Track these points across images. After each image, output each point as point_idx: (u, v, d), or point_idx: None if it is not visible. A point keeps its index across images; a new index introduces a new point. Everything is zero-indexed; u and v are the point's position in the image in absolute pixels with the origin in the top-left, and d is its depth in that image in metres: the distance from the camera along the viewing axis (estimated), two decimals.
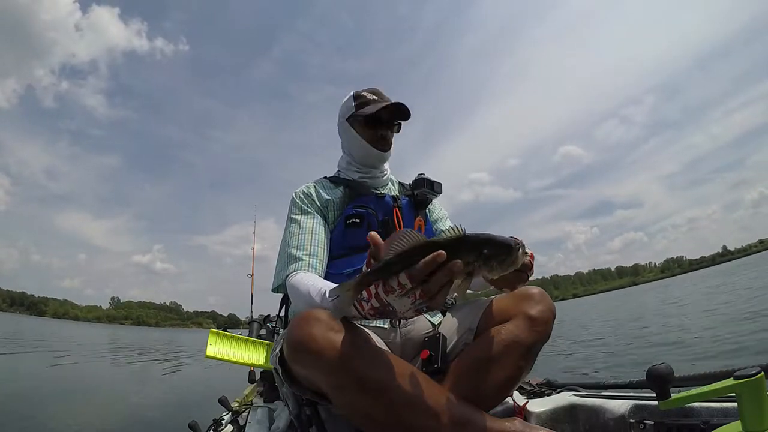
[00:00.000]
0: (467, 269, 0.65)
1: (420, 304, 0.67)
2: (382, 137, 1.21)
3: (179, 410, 3.82)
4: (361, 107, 1.21)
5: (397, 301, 0.66)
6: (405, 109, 1.21)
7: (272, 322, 1.94)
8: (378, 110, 1.18)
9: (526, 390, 1.34)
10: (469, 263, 0.65)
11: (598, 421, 1.04)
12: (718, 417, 0.81)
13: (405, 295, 0.65)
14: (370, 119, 1.20)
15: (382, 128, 1.21)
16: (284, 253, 1.10)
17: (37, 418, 3.23)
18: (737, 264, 47.41)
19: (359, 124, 1.22)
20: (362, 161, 1.24)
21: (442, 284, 0.63)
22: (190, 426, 1.41)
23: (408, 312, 0.69)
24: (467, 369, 0.92)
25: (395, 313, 0.70)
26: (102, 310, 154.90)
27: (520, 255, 0.68)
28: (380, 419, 0.75)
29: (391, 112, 1.21)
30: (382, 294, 0.67)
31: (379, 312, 0.71)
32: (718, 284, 16.46)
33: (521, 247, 0.68)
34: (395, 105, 1.19)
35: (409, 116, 1.23)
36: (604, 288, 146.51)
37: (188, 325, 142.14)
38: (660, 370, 0.67)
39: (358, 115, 1.21)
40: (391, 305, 0.68)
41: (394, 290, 0.65)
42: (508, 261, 0.67)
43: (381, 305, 0.69)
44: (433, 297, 0.65)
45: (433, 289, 0.63)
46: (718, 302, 9.37)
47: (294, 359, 0.80)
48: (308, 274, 1.01)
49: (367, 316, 0.73)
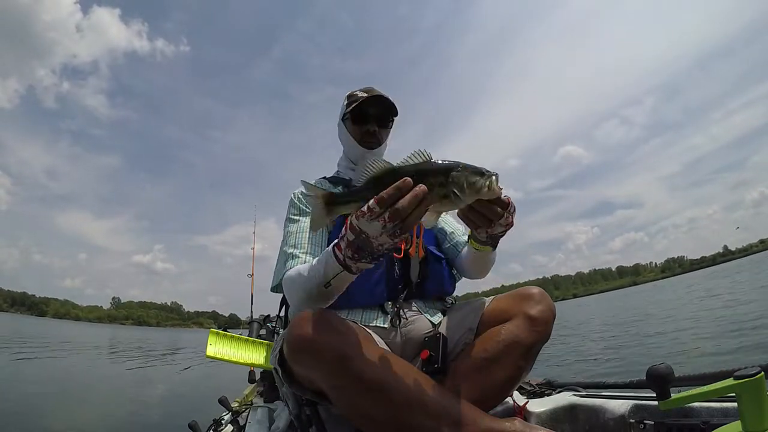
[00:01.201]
0: (440, 192, 0.69)
1: (392, 228, 0.68)
2: (367, 133, 1.20)
3: (179, 410, 3.83)
4: (352, 106, 1.21)
5: (368, 225, 0.69)
6: (386, 101, 1.19)
7: (272, 322, 1.94)
8: (358, 104, 1.18)
9: (526, 390, 1.34)
10: (441, 185, 0.68)
11: (598, 421, 1.04)
12: (718, 417, 0.81)
13: (375, 219, 0.68)
14: (356, 116, 1.21)
15: (369, 124, 1.20)
16: (282, 253, 1.10)
17: (38, 417, 3.23)
18: (738, 264, 47.37)
19: (350, 123, 1.22)
20: (355, 160, 1.24)
21: (412, 207, 0.66)
22: (190, 426, 1.41)
23: (381, 238, 0.70)
24: (467, 369, 0.92)
25: (369, 241, 0.71)
26: (103, 310, 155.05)
27: (493, 181, 0.69)
28: (380, 419, 0.75)
29: (374, 105, 1.20)
30: (354, 221, 0.71)
31: (355, 246, 0.74)
32: (719, 284, 16.44)
33: (495, 175, 0.69)
34: (374, 97, 1.18)
35: (393, 108, 1.21)
36: (604, 288, 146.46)
37: (189, 325, 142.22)
38: (660, 370, 0.67)
39: (347, 113, 1.22)
40: (364, 232, 0.70)
41: (365, 214, 0.68)
42: (479, 183, 0.68)
43: (355, 235, 0.72)
44: (403, 219, 0.67)
45: (403, 212, 0.66)
46: (718, 302, 9.36)
47: (294, 359, 0.81)
48: (301, 266, 1.01)
49: (346, 258, 0.77)
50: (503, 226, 0.84)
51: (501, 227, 0.84)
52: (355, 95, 1.22)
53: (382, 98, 1.19)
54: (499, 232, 0.88)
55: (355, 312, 1.06)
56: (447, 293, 1.20)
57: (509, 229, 0.88)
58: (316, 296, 0.89)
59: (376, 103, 1.20)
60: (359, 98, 1.19)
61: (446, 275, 1.18)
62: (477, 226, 0.82)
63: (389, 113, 1.23)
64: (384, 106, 1.21)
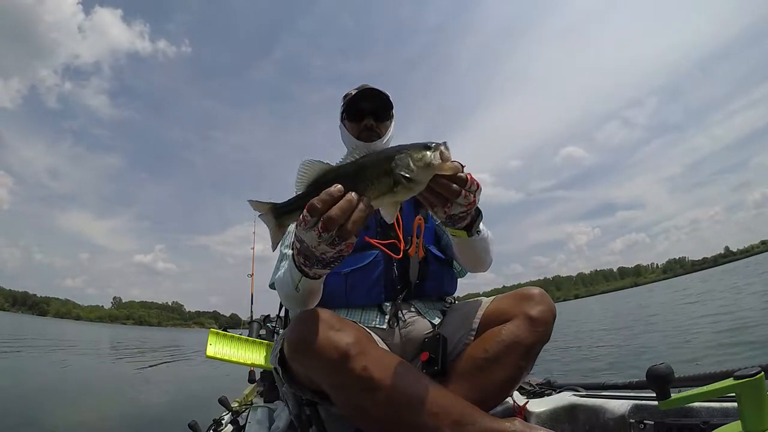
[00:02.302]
0: (387, 182, 0.64)
1: (329, 238, 0.64)
2: (366, 128, 1.20)
3: (179, 410, 3.83)
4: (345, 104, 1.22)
5: (305, 234, 0.66)
6: (377, 93, 1.18)
7: (272, 322, 1.94)
8: (350, 101, 1.19)
9: (526, 390, 1.34)
10: (386, 174, 0.63)
11: (598, 421, 1.04)
12: (718, 417, 0.81)
13: (310, 229, 0.64)
14: (351, 113, 1.21)
15: (365, 119, 1.20)
16: (279, 253, 1.11)
17: (39, 417, 3.24)
18: (739, 264, 47.29)
19: (347, 122, 1.23)
20: None
21: (347, 214, 0.62)
22: (190, 426, 1.41)
23: (321, 247, 0.66)
24: (467, 369, 0.92)
25: (311, 250, 0.68)
26: (104, 309, 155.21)
27: (443, 150, 0.63)
28: (380, 419, 0.75)
29: (366, 99, 1.19)
30: (296, 229, 0.69)
31: (302, 255, 0.71)
32: (719, 284, 16.41)
33: (443, 143, 0.64)
34: (365, 91, 1.18)
35: (386, 99, 1.20)
36: (606, 289, 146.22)
37: (190, 325, 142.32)
38: (660, 370, 0.67)
39: (343, 113, 1.23)
40: (303, 241, 0.67)
41: (300, 223, 0.65)
42: (427, 157, 0.63)
43: (299, 243, 0.69)
44: (340, 227, 0.63)
45: (337, 220, 0.62)
46: (719, 302, 9.34)
47: (294, 359, 0.81)
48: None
49: (300, 265, 0.74)
50: (462, 205, 0.75)
51: (460, 207, 0.75)
52: (350, 93, 1.22)
53: (373, 91, 1.19)
54: (458, 213, 0.78)
55: (354, 312, 1.06)
56: (447, 294, 1.20)
57: (471, 210, 0.81)
58: (293, 298, 0.90)
59: (368, 97, 1.19)
60: (352, 95, 1.20)
61: (447, 276, 1.18)
62: (433, 206, 0.75)
63: (384, 105, 1.22)
64: (376, 98, 1.20)
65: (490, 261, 1.12)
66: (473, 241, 0.94)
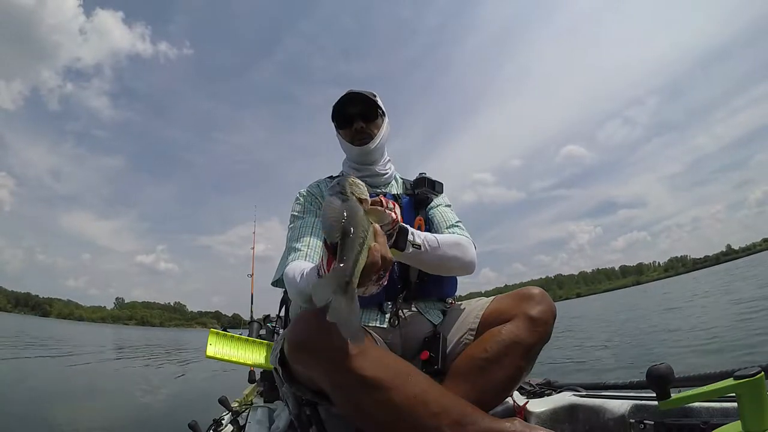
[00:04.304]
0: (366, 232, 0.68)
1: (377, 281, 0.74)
2: (356, 131, 1.18)
3: (179, 410, 3.83)
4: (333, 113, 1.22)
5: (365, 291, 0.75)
6: (358, 95, 1.17)
7: (272, 322, 1.94)
8: (335, 109, 1.18)
9: (526, 390, 1.34)
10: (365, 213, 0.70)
11: (598, 421, 1.04)
12: (718, 417, 0.81)
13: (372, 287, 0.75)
14: (339, 120, 1.21)
15: (354, 123, 1.18)
16: (286, 248, 1.11)
17: (41, 417, 3.25)
18: (741, 263, 47.18)
19: (339, 129, 1.23)
20: (354, 160, 1.23)
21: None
22: (190, 426, 1.41)
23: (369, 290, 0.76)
24: (467, 369, 0.92)
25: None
26: (106, 310, 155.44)
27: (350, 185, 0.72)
28: (380, 418, 0.76)
29: (349, 104, 1.18)
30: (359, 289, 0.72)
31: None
32: (720, 283, 16.37)
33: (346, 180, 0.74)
34: (345, 96, 1.17)
35: (369, 99, 1.18)
36: (607, 287, 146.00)
37: (192, 325, 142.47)
38: (660, 370, 0.67)
39: (333, 122, 1.22)
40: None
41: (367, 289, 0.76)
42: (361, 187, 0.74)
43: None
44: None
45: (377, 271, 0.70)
46: (719, 302, 9.32)
47: (294, 359, 0.81)
48: (300, 261, 1.01)
49: None
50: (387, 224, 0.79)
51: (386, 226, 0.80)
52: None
53: (354, 94, 1.17)
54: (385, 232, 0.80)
55: None
56: (447, 294, 1.20)
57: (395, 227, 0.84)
58: (307, 301, 0.91)
59: (353, 101, 1.18)
60: (336, 102, 1.19)
61: (447, 276, 1.17)
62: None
63: (369, 106, 1.19)
64: (358, 100, 1.18)
65: (467, 265, 1.10)
66: (415, 254, 0.95)
